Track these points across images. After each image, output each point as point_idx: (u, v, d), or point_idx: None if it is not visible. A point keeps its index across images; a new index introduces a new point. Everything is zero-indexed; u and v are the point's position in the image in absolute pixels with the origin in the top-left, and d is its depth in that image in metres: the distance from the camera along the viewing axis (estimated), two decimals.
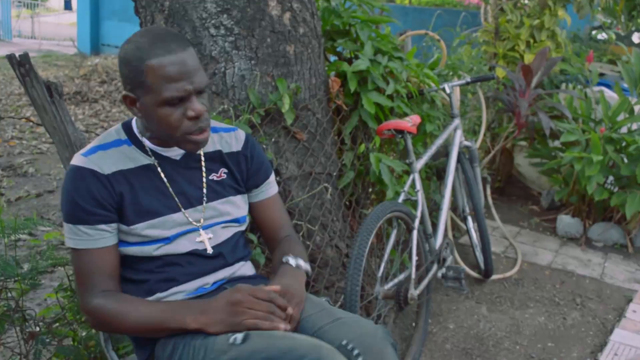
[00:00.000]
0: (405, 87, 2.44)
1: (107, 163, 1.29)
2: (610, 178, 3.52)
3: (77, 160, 1.28)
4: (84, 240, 1.27)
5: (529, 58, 3.98)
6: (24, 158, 4.76)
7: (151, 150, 1.34)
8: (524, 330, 2.57)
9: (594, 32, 6.18)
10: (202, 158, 1.41)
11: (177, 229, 1.34)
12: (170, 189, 1.35)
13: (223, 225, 1.43)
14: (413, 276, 2.11)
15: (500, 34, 4.19)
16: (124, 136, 1.35)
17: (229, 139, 1.48)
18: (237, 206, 1.46)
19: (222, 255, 1.40)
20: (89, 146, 1.32)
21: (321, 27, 2.25)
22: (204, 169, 1.41)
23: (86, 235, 1.26)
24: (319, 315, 1.30)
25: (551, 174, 3.77)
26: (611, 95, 3.85)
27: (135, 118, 1.37)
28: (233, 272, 1.43)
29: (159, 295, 1.33)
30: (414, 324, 2.46)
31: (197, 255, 1.37)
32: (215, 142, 1.45)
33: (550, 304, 2.82)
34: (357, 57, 2.34)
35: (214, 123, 1.50)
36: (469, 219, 2.97)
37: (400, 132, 2.25)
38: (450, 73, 3.13)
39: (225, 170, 1.45)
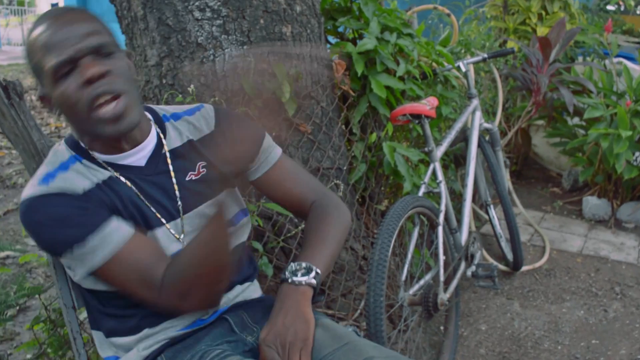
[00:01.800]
0: (418, 67, 2.20)
1: (75, 183, 1.03)
2: (637, 154, 3.28)
3: (34, 190, 1.01)
4: (105, 243, 1.00)
5: (542, 31, 3.73)
6: (13, 169, 4.51)
7: (105, 162, 1.09)
8: (563, 327, 2.33)
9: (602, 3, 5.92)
10: (168, 156, 1.14)
11: None
12: (145, 201, 1.09)
13: None
14: (442, 278, 1.87)
15: (509, 8, 3.94)
16: (71, 152, 1.09)
17: (196, 122, 1.20)
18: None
19: None
20: (40, 174, 1.04)
21: (320, 4, 2.01)
22: (171, 170, 1.13)
23: (102, 238, 1.00)
24: (344, 353, 1.06)
25: (574, 154, 3.52)
26: (632, 66, 3.59)
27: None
28: (235, 295, 1.18)
29: (147, 331, 1.09)
30: (442, 328, 2.23)
31: None
32: (181, 132, 1.18)
33: (588, 295, 2.57)
34: (361, 37, 2.10)
35: (173, 108, 1.22)
36: (491, 207, 2.72)
37: (417, 117, 2.00)
38: (463, 50, 2.88)
39: (204, 164, 1.17)
